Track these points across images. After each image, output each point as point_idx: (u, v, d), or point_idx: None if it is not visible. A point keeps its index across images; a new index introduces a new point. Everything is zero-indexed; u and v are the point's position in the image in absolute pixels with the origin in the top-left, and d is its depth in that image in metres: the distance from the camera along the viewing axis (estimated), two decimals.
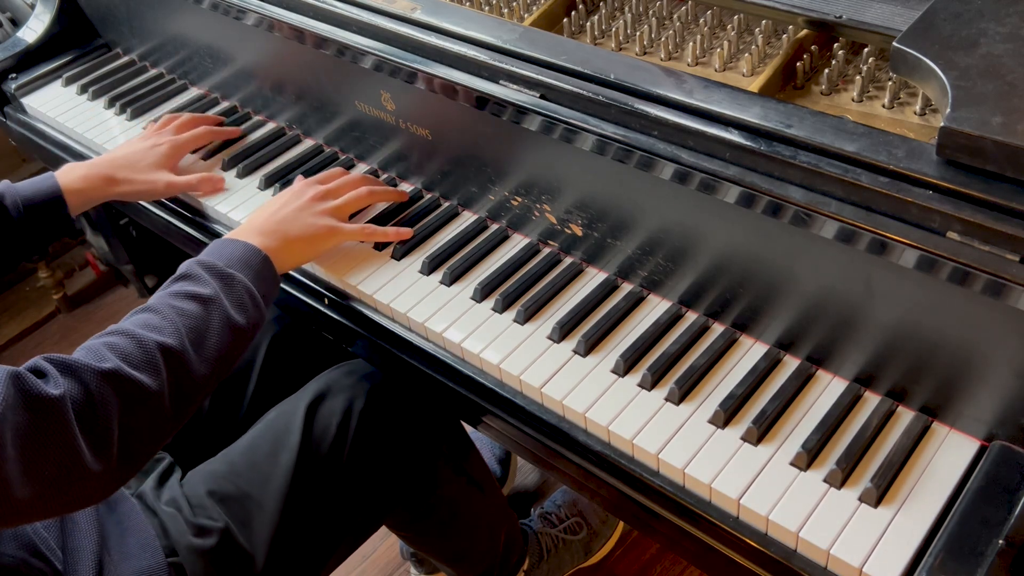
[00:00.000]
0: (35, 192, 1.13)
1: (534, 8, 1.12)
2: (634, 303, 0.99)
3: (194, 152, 1.32)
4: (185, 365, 0.84)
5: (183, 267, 0.93)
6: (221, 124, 1.36)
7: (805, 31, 0.97)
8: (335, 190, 1.10)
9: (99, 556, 0.93)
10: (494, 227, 1.12)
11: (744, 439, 0.84)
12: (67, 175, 1.16)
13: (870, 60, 0.91)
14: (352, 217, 1.13)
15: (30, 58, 1.58)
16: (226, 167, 1.29)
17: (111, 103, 1.47)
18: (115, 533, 0.96)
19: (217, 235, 1.24)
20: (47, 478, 0.73)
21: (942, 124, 0.72)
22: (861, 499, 0.78)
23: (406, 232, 1.10)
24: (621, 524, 1.55)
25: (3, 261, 1.14)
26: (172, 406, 0.83)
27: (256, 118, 1.38)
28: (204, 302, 0.88)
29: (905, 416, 0.84)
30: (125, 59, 1.59)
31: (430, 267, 1.07)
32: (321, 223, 1.05)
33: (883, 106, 0.89)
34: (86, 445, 0.76)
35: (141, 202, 1.31)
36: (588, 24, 1.08)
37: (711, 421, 0.86)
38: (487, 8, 1.15)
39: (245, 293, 0.92)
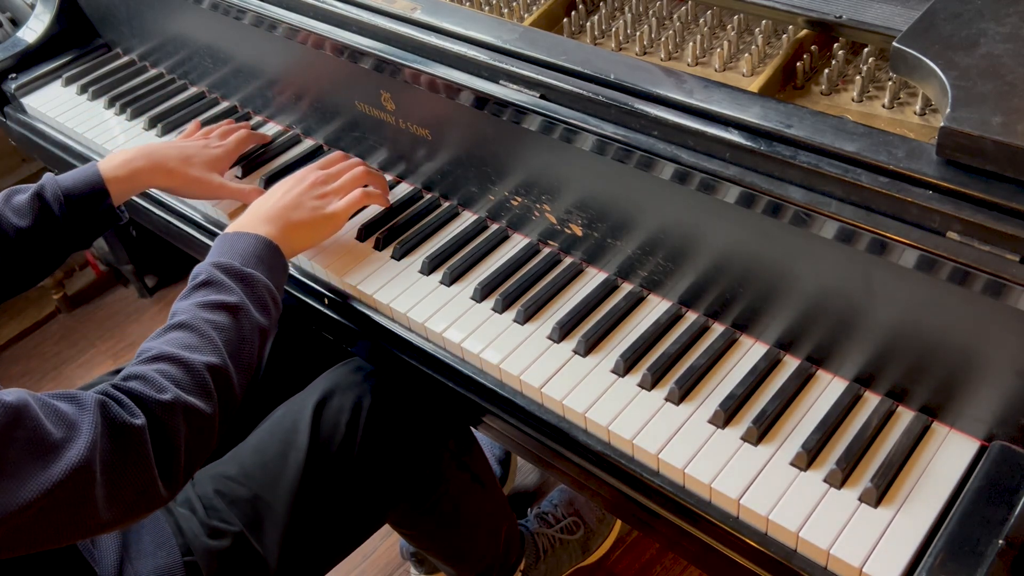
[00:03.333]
0: (76, 183, 1.10)
1: (534, 8, 1.12)
2: (634, 303, 0.99)
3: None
4: (229, 380, 0.86)
5: (203, 272, 0.92)
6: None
7: (805, 31, 0.97)
8: (335, 174, 1.11)
9: (120, 553, 0.96)
10: (494, 227, 1.12)
11: (744, 439, 0.84)
12: (109, 163, 1.13)
13: (870, 60, 0.91)
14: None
15: (30, 58, 1.58)
16: None
17: (111, 103, 1.47)
18: (133, 530, 0.99)
19: (216, 235, 1.24)
20: (126, 503, 0.77)
21: (942, 124, 0.72)
22: (861, 499, 0.78)
23: (387, 200, 1.15)
24: (619, 522, 1.55)
25: (50, 256, 1.11)
26: (220, 424, 0.85)
27: (256, 118, 1.38)
28: (233, 311, 0.89)
29: (905, 416, 0.84)
30: (125, 59, 1.59)
31: (430, 267, 1.07)
32: (320, 205, 1.06)
33: (883, 106, 0.89)
34: (159, 473, 0.79)
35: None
36: (588, 24, 1.08)
37: (711, 421, 0.86)
38: (487, 8, 1.15)
39: (265, 292, 0.93)
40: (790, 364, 0.90)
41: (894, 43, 0.79)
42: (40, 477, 0.70)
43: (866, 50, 0.94)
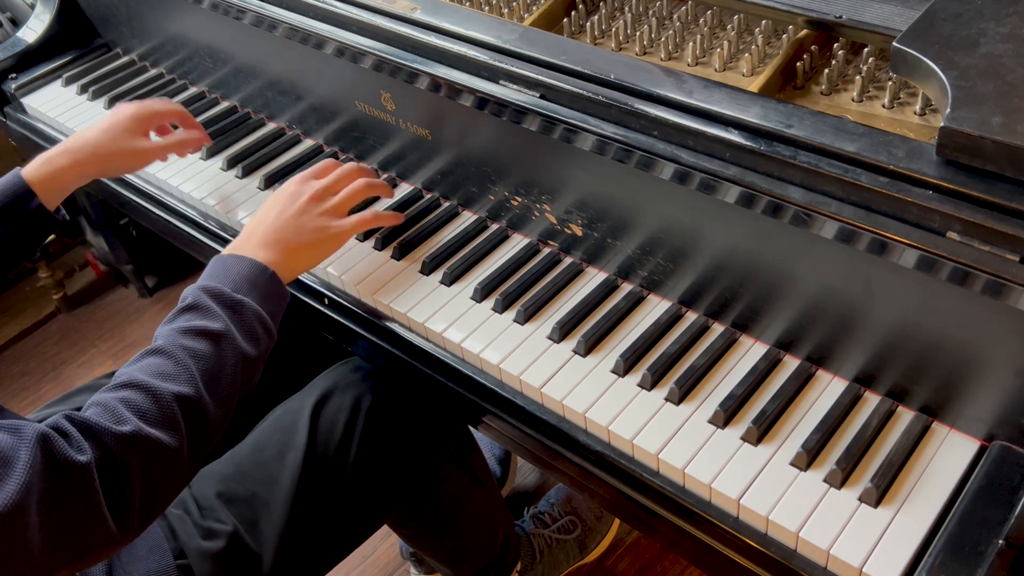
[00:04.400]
0: None
1: (534, 8, 1.12)
2: (634, 303, 0.99)
3: (193, 152, 1.32)
4: (202, 413, 0.81)
5: (190, 295, 0.87)
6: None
7: (805, 31, 0.97)
8: (331, 186, 1.04)
9: (109, 559, 0.93)
10: (494, 227, 1.12)
11: (744, 439, 0.84)
12: (30, 165, 1.10)
13: (870, 60, 0.91)
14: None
15: (30, 58, 1.58)
16: (227, 167, 1.29)
17: (111, 103, 1.47)
18: None
19: (216, 235, 1.24)
20: (72, 549, 0.71)
21: (942, 124, 0.72)
22: (861, 499, 0.78)
23: (399, 216, 1.12)
24: (618, 520, 1.55)
25: None
26: (189, 458, 0.80)
27: (256, 118, 1.38)
28: (216, 338, 0.84)
29: (905, 416, 0.84)
30: (125, 59, 1.59)
31: (430, 267, 1.07)
32: (323, 225, 1.00)
33: (883, 106, 0.89)
34: (110, 513, 0.73)
35: (136, 199, 1.29)
36: (588, 24, 1.08)
37: (711, 421, 0.86)
38: (487, 8, 1.15)
39: (256, 320, 0.89)
40: (790, 364, 0.90)
41: (894, 43, 0.79)
42: None
43: (866, 50, 0.94)
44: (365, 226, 1.06)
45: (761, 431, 0.84)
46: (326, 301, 1.11)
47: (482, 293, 1.03)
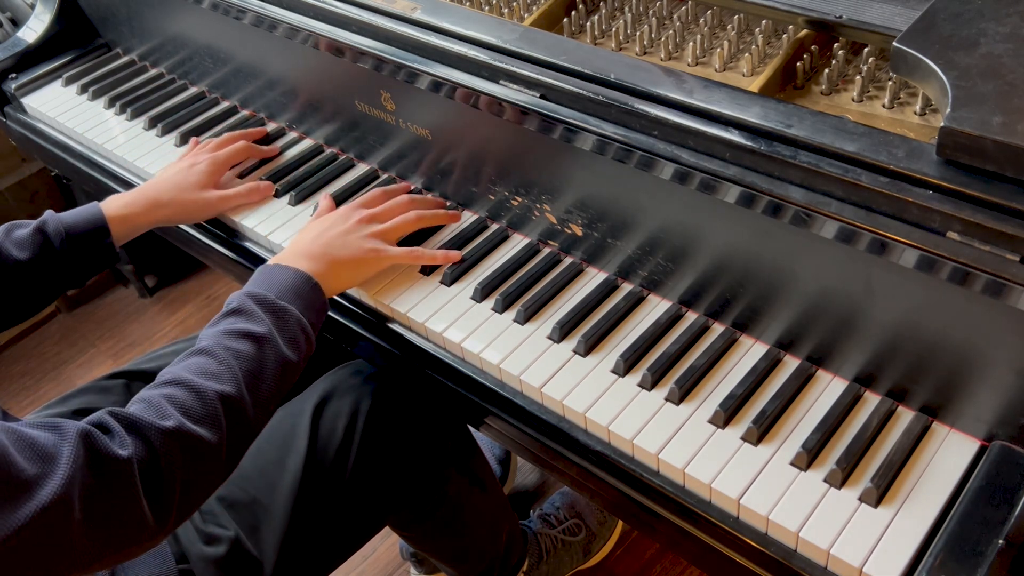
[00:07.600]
0: (77, 220, 1.09)
1: (534, 8, 1.12)
2: (634, 303, 0.99)
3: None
4: (243, 412, 0.83)
5: (235, 300, 0.90)
6: (261, 139, 1.32)
7: (805, 31, 0.97)
8: (382, 214, 1.07)
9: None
10: (494, 227, 1.12)
11: (744, 439, 0.84)
12: (110, 203, 1.13)
13: (870, 60, 0.92)
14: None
15: (30, 58, 1.58)
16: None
17: (111, 103, 1.47)
18: None
19: (216, 235, 1.24)
20: (111, 540, 0.73)
21: (942, 124, 0.72)
22: (861, 499, 0.78)
23: (455, 255, 1.07)
24: (620, 526, 1.55)
25: (44, 291, 1.10)
26: (228, 456, 0.82)
27: (256, 118, 1.38)
28: (258, 341, 0.86)
29: (905, 416, 0.84)
30: (125, 59, 1.59)
31: (430, 267, 1.07)
32: (368, 246, 1.02)
33: (883, 106, 0.89)
34: (149, 508, 0.74)
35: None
36: (588, 24, 1.08)
37: (711, 421, 0.86)
38: (487, 8, 1.15)
39: (297, 327, 0.90)
40: (790, 364, 0.90)
41: (894, 43, 0.79)
42: (8, 518, 0.65)
43: (866, 50, 0.95)
44: (412, 259, 1.05)
45: (761, 431, 0.84)
46: None
47: (482, 293, 1.03)
